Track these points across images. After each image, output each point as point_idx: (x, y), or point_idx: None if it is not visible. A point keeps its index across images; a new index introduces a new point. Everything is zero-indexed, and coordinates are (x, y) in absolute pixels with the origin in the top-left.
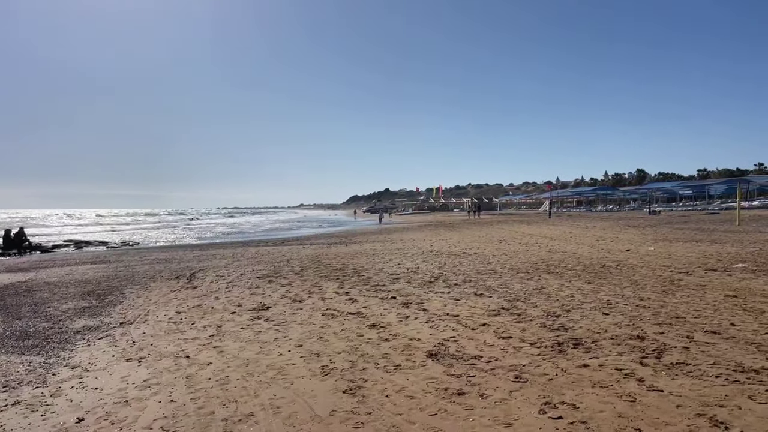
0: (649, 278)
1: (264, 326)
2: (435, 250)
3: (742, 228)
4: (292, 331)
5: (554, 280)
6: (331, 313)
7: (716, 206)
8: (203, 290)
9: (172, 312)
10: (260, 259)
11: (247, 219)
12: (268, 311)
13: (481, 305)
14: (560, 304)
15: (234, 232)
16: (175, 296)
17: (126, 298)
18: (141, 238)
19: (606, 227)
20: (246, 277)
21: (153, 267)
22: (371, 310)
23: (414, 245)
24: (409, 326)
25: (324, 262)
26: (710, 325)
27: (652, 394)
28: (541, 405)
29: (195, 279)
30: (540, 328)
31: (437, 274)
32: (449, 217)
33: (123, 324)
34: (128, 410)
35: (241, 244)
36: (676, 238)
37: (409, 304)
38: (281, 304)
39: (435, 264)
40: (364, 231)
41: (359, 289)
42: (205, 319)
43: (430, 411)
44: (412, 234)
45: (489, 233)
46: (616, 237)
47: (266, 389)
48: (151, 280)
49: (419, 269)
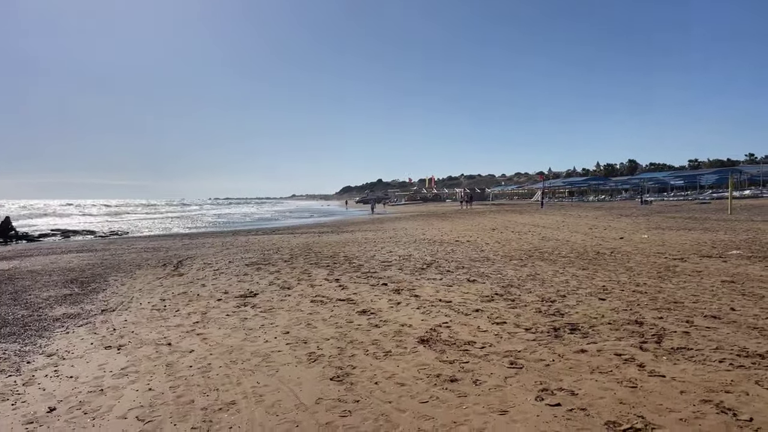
0: (644, 265)
1: (250, 313)
2: (427, 239)
3: (734, 216)
4: (279, 317)
5: (548, 267)
6: (320, 299)
7: (707, 196)
8: (190, 277)
9: (156, 299)
10: (250, 247)
11: (238, 209)
12: (255, 298)
13: (474, 291)
14: (555, 290)
15: (224, 221)
16: (161, 283)
17: (110, 285)
18: (130, 228)
19: (598, 216)
20: (234, 264)
21: (140, 255)
22: (362, 296)
23: (406, 234)
24: (400, 312)
25: (315, 250)
26: (710, 309)
27: (654, 380)
28: (537, 392)
29: (182, 267)
30: (535, 313)
31: (429, 261)
32: (441, 207)
33: (104, 311)
34: (103, 399)
35: (231, 233)
36: (669, 227)
37: (400, 290)
38: (269, 291)
39: (427, 251)
40: (356, 221)
41: (350, 276)
42: (190, 306)
43: (421, 398)
44: (405, 223)
45: (481, 222)
46: (608, 225)
47: (250, 377)
48: (137, 267)
49: (411, 257)
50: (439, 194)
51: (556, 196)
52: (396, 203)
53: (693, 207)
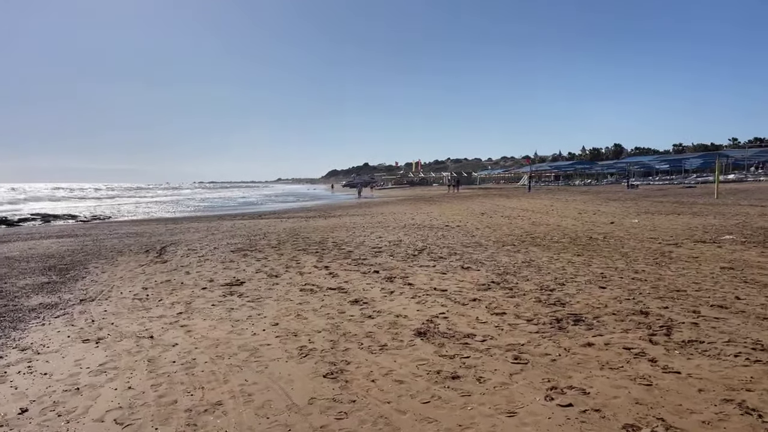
0: (639, 250)
1: (237, 303)
2: (417, 224)
3: (721, 201)
4: (268, 308)
5: (542, 253)
6: (309, 288)
7: (692, 180)
8: (173, 265)
9: (138, 288)
10: (235, 232)
11: (223, 193)
12: (241, 287)
13: (470, 279)
14: (553, 277)
15: (210, 205)
16: (143, 271)
17: (89, 273)
18: (113, 212)
19: (586, 200)
20: (220, 251)
21: (122, 241)
22: (353, 285)
23: (395, 219)
24: (394, 302)
25: (302, 235)
26: (714, 298)
27: (669, 377)
28: (546, 390)
29: (165, 253)
30: (535, 303)
31: (421, 247)
32: (429, 191)
33: (83, 301)
34: (79, 399)
35: (216, 217)
36: (658, 211)
37: (393, 278)
38: (256, 279)
39: (418, 237)
40: (343, 205)
41: (340, 263)
42: (173, 295)
43: (422, 398)
44: (393, 208)
45: (470, 207)
46: (597, 210)
47: (237, 374)
48: (119, 254)
49: (402, 242)
50: (425, 178)
51: (542, 180)
52: (383, 187)
53: (679, 191)
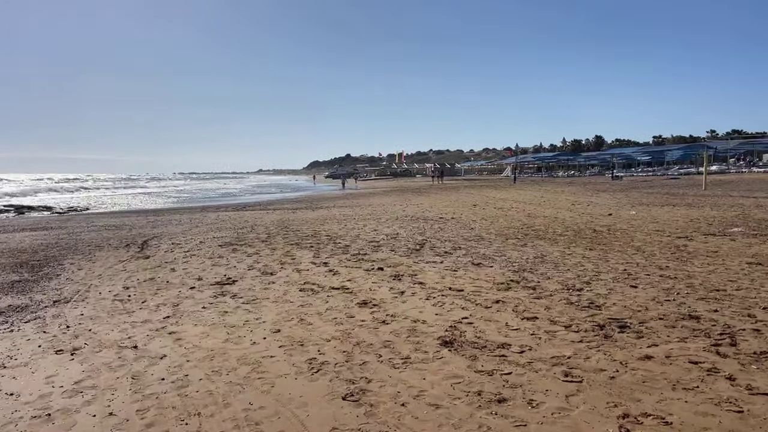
0: (651, 244)
1: (230, 305)
2: (409, 215)
3: (710, 192)
4: (266, 311)
5: (551, 247)
6: (310, 287)
7: (674, 171)
8: (157, 261)
9: (118, 287)
10: (221, 225)
11: (204, 183)
12: (234, 286)
13: (485, 277)
14: (574, 274)
15: (191, 196)
16: (124, 268)
17: (65, 270)
18: (90, 203)
19: (575, 192)
20: (206, 245)
21: (100, 234)
22: (357, 283)
23: (385, 210)
24: (407, 304)
25: (292, 228)
26: (762, 300)
27: (759, 400)
28: (618, 419)
29: (148, 248)
30: (567, 305)
31: (421, 240)
32: (413, 183)
33: (57, 303)
34: (49, 429)
35: (199, 209)
36: (651, 203)
37: (400, 276)
38: (249, 277)
39: (414, 230)
40: (328, 196)
41: (339, 259)
42: (158, 296)
43: (469, 428)
44: (380, 199)
45: (459, 198)
46: (590, 201)
47: (239, 395)
48: (97, 249)
49: (399, 236)
50: (409, 169)
51: (524, 172)
52: (366, 178)
53: (664, 182)
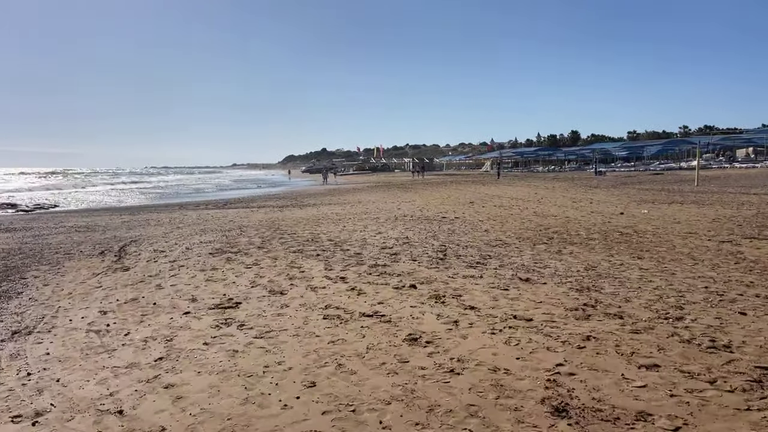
0: (699, 250)
1: (240, 340)
2: (408, 215)
3: (705, 188)
4: (288, 349)
5: (591, 255)
6: (335, 314)
7: (654, 167)
8: (138, 273)
9: (94, 312)
10: (205, 226)
11: (179, 178)
12: (238, 310)
13: (546, 298)
14: (653, 295)
15: (167, 192)
16: (99, 283)
17: (27, 286)
18: (58, 200)
19: (567, 188)
20: (194, 252)
21: (70, 237)
22: (392, 307)
23: (378, 208)
24: (470, 340)
25: (286, 230)
26: None
27: None
28: None
29: (126, 256)
30: (681, 344)
31: (439, 246)
32: (394, 178)
33: (17, 335)
34: None
35: (178, 206)
36: (655, 200)
37: (441, 296)
38: (255, 297)
39: (424, 232)
40: (311, 192)
41: (356, 272)
42: (145, 324)
43: None
44: (367, 195)
45: (451, 194)
46: (590, 199)
47: None
48: (66, 256)
49: (411, 240)
50: (388, 164)
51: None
52: (344, 173)
53: (650, 178)
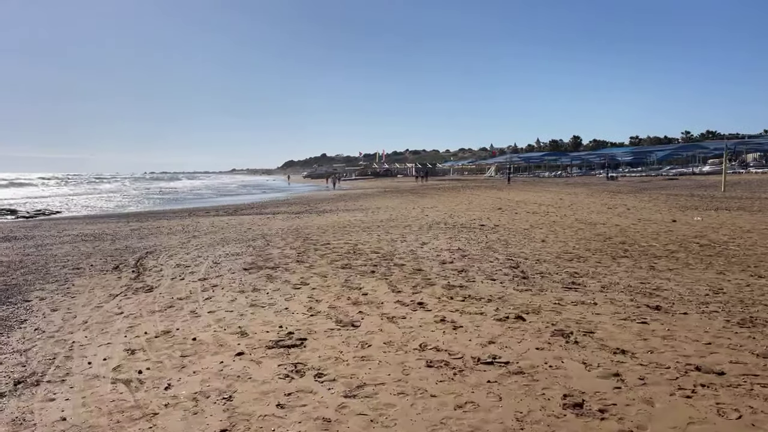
0: None
1: (327, 400)
2: (439, 222)
3: (735, 194)
4: (402, 420)
5: (694, 272)
6: (439, 358)
7: (664, 172)
8: (165, 295)
9: (118, 350)
10: (224, 234)
11: (181, 184)
12: (305, 349)
13: (706, 335)
14: None
15: (171, 198)
16: (119, 308)
17: (33, 311)
18: (61, 206)
19: (589, 193)
20: (224, 267)
21: (77, 248)
22: (512, 349)
23: (403, 215)
24: (658, 408)
25: (317, 240)
26: None
27: None
28: None
29: (145, 271)
30: None
31: (505, 260)
32: (398, 183)
33: (20, 386)
34: None
35: (187, 213)
36: (696, 206)
37: (569, 333)
38: (321, 330)
39: (474, 243)
40: (322, 198)
41: (431, 295)
42: (188, 371)
43: None
44: (382, 201)
45: (471, 200)
46: (623, 204)
47: None
48: (76, 272)
49: (468, 252)
50: (390, 169)
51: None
52: (347, 178)
53: (666, 183)
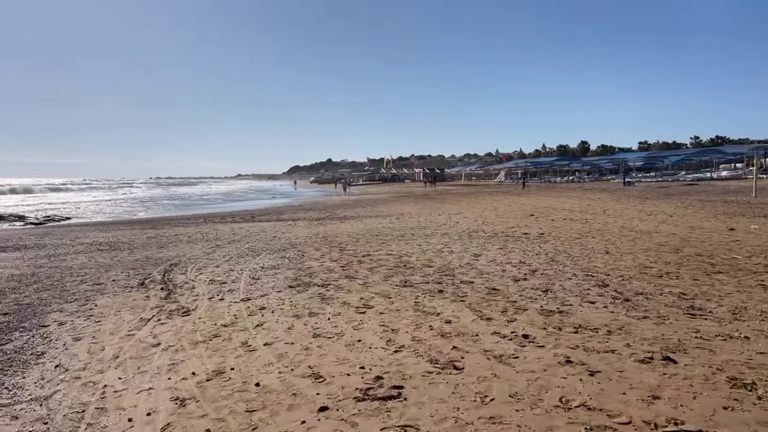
0: None
1: None
2: (476, 230)
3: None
4: None
5: None
6: (604, 425)
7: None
8: (206, 320)
9: (163, 399)
10: (249, 243)
11: (188, 189)
12: (406, 404)
13: None
14: None
15: (181, 203)
16: (154, 336)
17: (51, 340)
18: (71, 211)
19: (616, 199)
20: (266, 284)
21: (93, 258)
22: (691, 408)
23: (432, 222)
24: None
25: (354, 250)
26: None
27: None
28: None
29: (176, 288)
30: None
31: (585, 276)
32: (408, 188)
33: None
34: None
35: (202, 219)
36: (735, 213)
37: (748, 384)
38: (414, 372)
39: (532, 255)
40: (337, 203)
41: (529, 323)
42: None
43: None
44: (401, 206)
45: (497, 206)
46: (660, 211)
47: None
48: (96, 288)
49: (535, 267)
50: (398, 174)
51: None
52: (355, 183)
53: (689, 189)
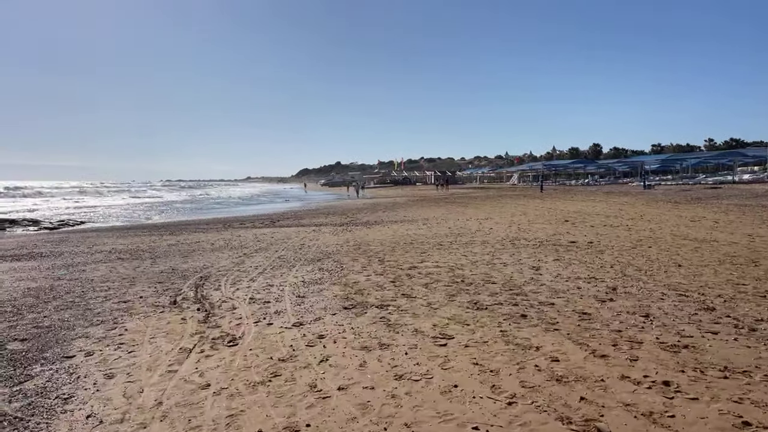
0: None
1: None
2: (514, 237)
3: None
4: None
5: None
6: None
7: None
8: (258, 353)
9: None
10: (278, 252)
11: (201, 192)
12: None
13: None
14: None
15: (195, 207)
16: (200, 374)
17: (78, 380)
18: (85, 216)
19: (645, 202)
20: (315, 304)
21: (114, 269)
22: None
23: (462, 227)
24: None
25: (398, 261)
26: None
27: None
28: None
29: (213, 309)
30: None
31: (678, 297)
32: (420, 191)
33: None
34: None
35: (221, 224)
36: None
37: None
38: None
39: (599, 269)
40: (355, 207)
41: (654, 359)
42: None
43: None
44: (423, 211)
45: (525, 211)
46: (701, 216)
47: None
48: (124, 307)
49: (610, 283)
50: (409, 177)
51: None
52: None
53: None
